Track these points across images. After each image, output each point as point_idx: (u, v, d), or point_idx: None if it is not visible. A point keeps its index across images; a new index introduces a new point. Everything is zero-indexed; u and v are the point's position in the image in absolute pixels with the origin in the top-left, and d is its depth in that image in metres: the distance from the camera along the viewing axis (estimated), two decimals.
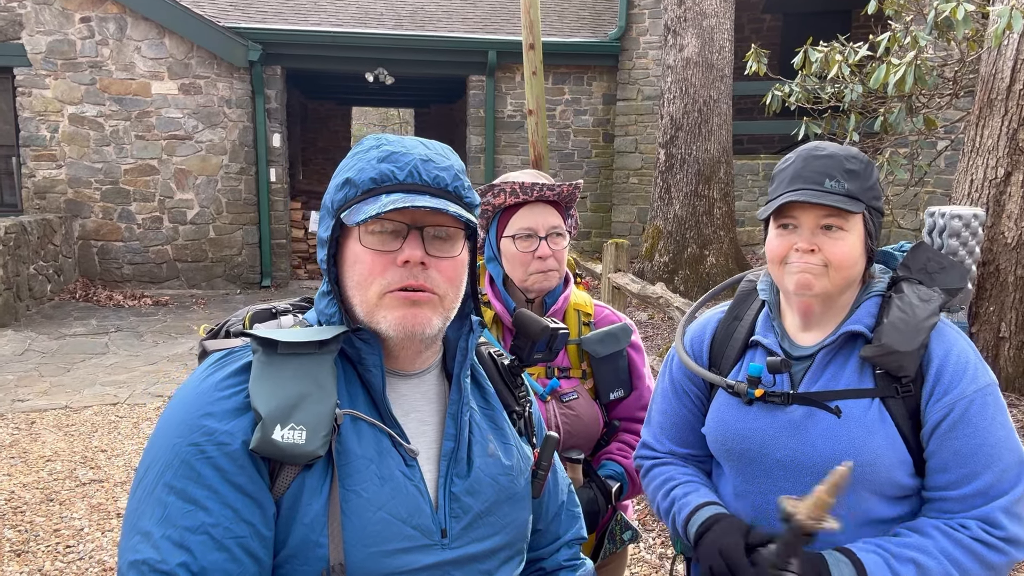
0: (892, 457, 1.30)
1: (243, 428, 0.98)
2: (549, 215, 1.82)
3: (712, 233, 8.76)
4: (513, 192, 1.80)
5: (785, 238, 1.37)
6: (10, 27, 9.68)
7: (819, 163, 1.34)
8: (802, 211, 1.34)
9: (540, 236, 1.80)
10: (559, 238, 1.83)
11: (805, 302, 1.39)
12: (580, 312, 1.90)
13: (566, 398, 1.82)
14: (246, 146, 10.32)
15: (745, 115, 12.04)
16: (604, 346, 1.83)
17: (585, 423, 1.82)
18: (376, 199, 1.04)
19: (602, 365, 1.83)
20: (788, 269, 1.36)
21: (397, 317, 1.05)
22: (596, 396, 1.87)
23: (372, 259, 1.06)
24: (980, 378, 1.31)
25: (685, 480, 1.52)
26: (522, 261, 1.81)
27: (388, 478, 1.04)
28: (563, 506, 1.35)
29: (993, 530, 1.25)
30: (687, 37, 8.66)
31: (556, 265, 1.82)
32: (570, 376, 1.85)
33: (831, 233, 1.33)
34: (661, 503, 1.53)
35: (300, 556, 0.99)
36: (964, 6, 4.00)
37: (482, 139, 11.09)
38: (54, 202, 10.02)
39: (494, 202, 1.84)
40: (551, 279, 1.82)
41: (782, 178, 1.38)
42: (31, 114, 9.86)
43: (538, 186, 1.79)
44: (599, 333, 1.85)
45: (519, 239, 1.81)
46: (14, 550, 3.63)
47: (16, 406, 5.79)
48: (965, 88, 5.40)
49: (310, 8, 11.16)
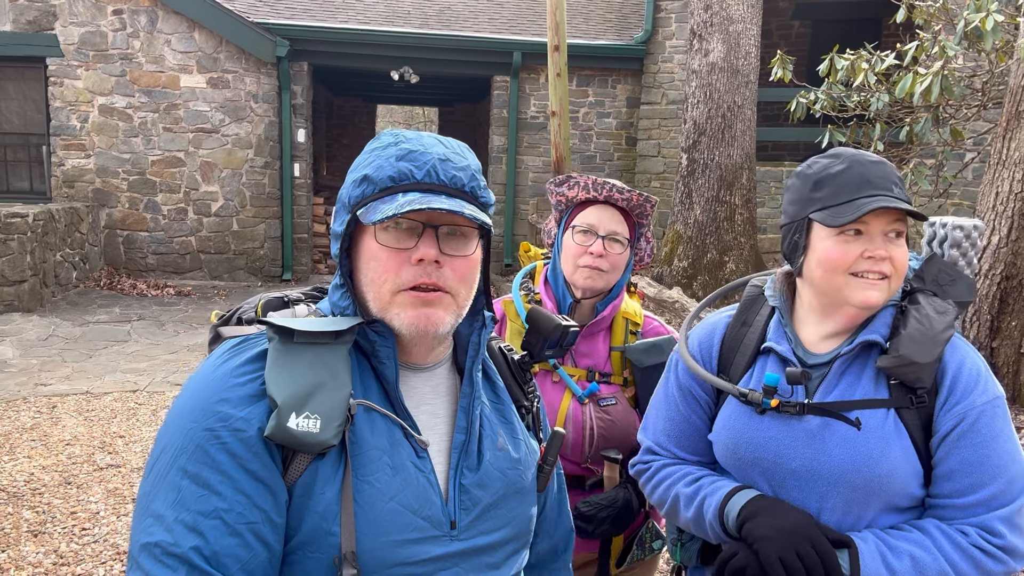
0: (907, 468, 1.30)
1: (258, 415, 0.99)
2: (614, 219, 1.83)
3: (733, 239, 8.71)
4: (585, 187, 1.83)
5: (853, 245, 1.30)
6: (44, 18, 9.84)
7: (879, 168, 1.31)
8: (875, 217, 1.29)
9: (599, 235, 1.81)
10: (618, 244, 1.83)
11: (859, 315, 1.35)
12: (628, 320, 1.90)
13: (604, 403, 1.83)
14: (271, 141, 10.42)
15: (770, 121, 11.96)
16: (648, 356, 1.83)
17: (620, 428, 1.82)
18: (393, 198, 1.05)
19: (644, 375, 1.83)
20: (854, 281, 1.30)
21: (410, 317, 1.06)
22: (636, 405, 1.87)
23: (387, 256, 1.06)
24: (990, 390, 1.31)
25: (709, 473, 1.48)
26: (575, 254, 1.83)
27: (400, 469, 1.05)
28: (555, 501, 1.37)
29: (992, 538, 1.25)
30: (713, 42, 8.62)
31: (607, 267, 1.81)
32: (611, 382, 1.86)
33: (898, 240, 1.30)
34: (683, 490, 1.45)
35: (312, 544, 1.00)
36: (994, 16, 3.96)
37: (504, 139, 11.11)
38: (82, 191, 10.18)
39: (568, 194, 1.86)
40: (597, 280, 1.82)
41: (841, 182, 1.30)
42: (62, 104, 10.02)
43: (609, 185, 1.81)
44: (644, 343, 1.85)
45: (578, 232, 1.83)
46: (31, 530, 3.70)
47: (39, 390, 5.89)
48: (993, 100, 5.33)
49: (338, 5, 11.24)
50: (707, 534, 1.43)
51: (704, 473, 1.49)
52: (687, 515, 1.45)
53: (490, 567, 1.11)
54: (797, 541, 1.25)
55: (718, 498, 1.38)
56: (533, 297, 1.92)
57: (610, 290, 1.87)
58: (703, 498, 1.41)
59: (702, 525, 1.42)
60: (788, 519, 1.29)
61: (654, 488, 1.55)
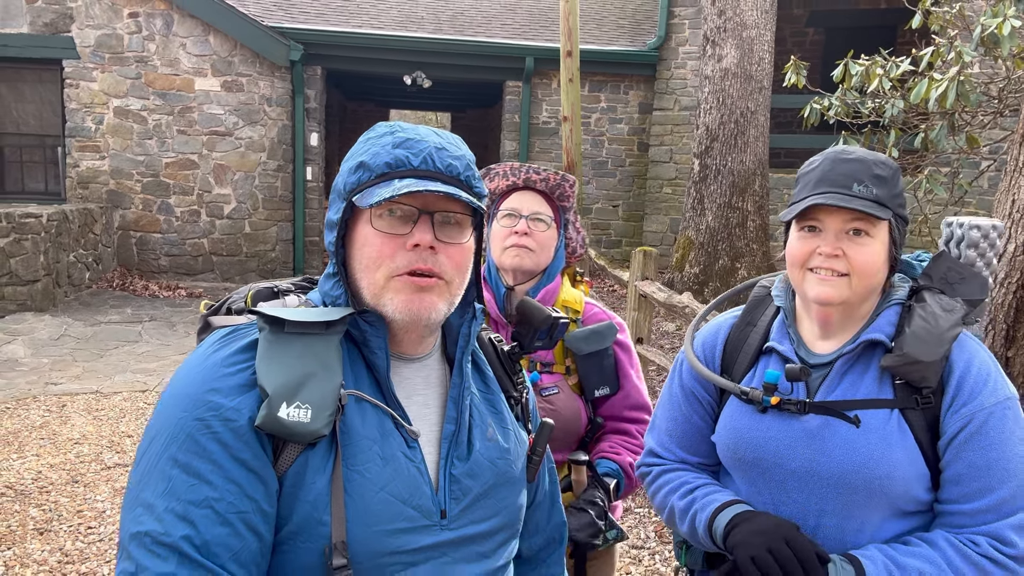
0: (911, 470, 1.26)
1: (249, 404, 0.99)
2: (536, 201, 1.89)
3: (744, 246, 8.66)
4: (504, 175, 1.89)
5: (808, 241, 1.33)
6: (61, 20, 9.94)
7: (847, 167, 1.31)
8: (828, 214, 1.31)
9: (522, 215, 1.86)
10: (541, 223, 1.87)
11: (825, 311, 1.36)
12: (569, 309, 1.92)
13: (546, 392, 1.84)
14: (284, 144, 10.47)
15: (784, 128, 11.91)
16: (587, 343, 1.85)
17: (564, 418, 1.83)
18: (389, 183, 1.05)
19: (586, 362, 1.85)
20: (810, 277, 1.33)
21: (403, 301, 1.06)
22: (581, 392, 1.89)
23: (382, 242, 1.06)
24: (1000, 391, 1.27)
25: (705, 483, 1.48)
26: (502, 237, 1.87)
27: (390, 459, 1.05)
28: (547, 495, 1.36)
29: (1003, 547, 1.21)
30: (726, 48, 8.59)
31: (534, 247, 1.85)
32: (552, 371, 1.88)
33: (857, 239, 1.30)
34: (677, 503, 1.47)
35: (303, 533, 1.00)
36: (1011, 22, 3.91)
37: (516, 144, 11.11)
38: (96, 192, 10.25)
39: (489, 186, 1.91)
40: (525, 258, 1.85)
41: (807, 180, 1.35)
42: (77, 105, 10.11)
43: (526, 167, 1.87)
44: (584, 331, 1.87)
45: (503, 217, 1.88)
46: (38, 528, 3.70)
47: (49, 389, 5.92)
48: (1010, 107, 5.27)
49: (352, 10, 11.30)
50: (704, 547, 1.43)
51: (700, 483, 1.47)
52: (683, 528, 1.46)
53: (480, 556, 1.12)
54: (771, 539, 1.24)
55: (707, 514, 1.38)
56: None
57: (542, 274, 1.90)
58: (695, 513, 1.42)
59: (697, 539, 1.43)
60: (766, 523, 1.28)
61: (654, 493, 1.55)
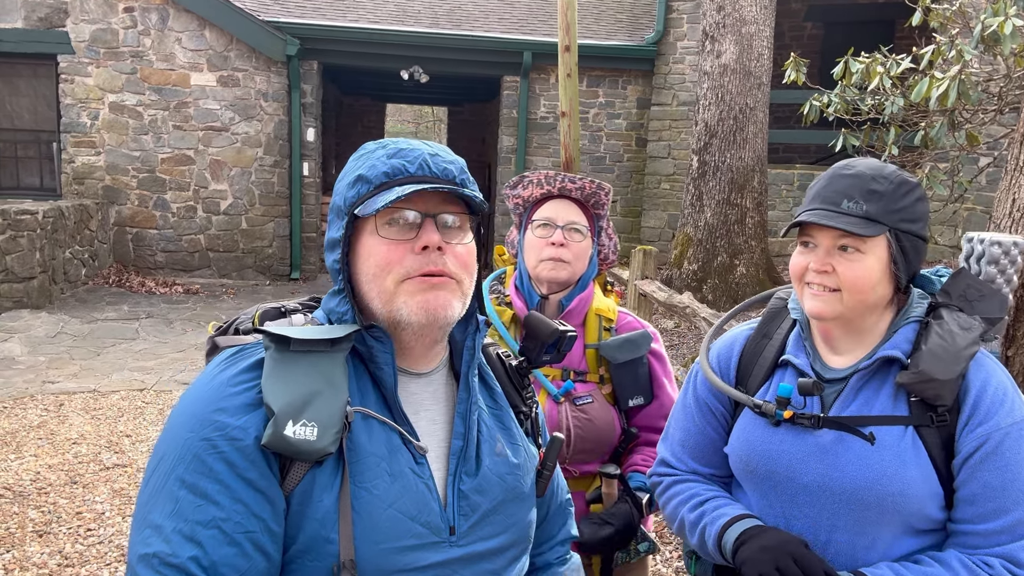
0: (924, 489, 1.26)
1: (255, 424, 0.99)
2: (570, 210, 1.87)
3: (743, 243, 8.65)
4: (539, 183, 1.86)
5: (804, 256, 1.36)
6: (55, 15, 9.87)
7: (842, 183, 1.33)
8: (819, 230, 1.33)
9: (558, 225, 1.84)
10: (577, 234, 1.85)
11: (823, 326, 1.39)
12: (602, 317, 1.90)
13: (579, 401, 1.82)
14: (280, 139, 10.43)
15: (782, 124, 11.89)
16: (622, 352, 1.83)
17: (598, 427, 1.81)
18: (390, 191, 1.06)
19: (620, 371, 1.83)
20: (806, 291, 1.36)
21: (418, 302, 1.06)
22: (615, 402, 1.86)
23: (388, 248, 1.07)
24: (1017, 411, 1.26)
25: (715, 495, 1.48)
26: (537, 247, 1.85)
27: (398, 475, 1.05)
28: (561, 507, 1.36)
29: (1017, 570, 1.21)
30: (725, 43, 8.56)
31: (569, 258, 1.83)
32: (586, 380, 1.85)
33: (847, 255, 1.31)
34: (687, 515, 1.47)
35: (311, 552, 0.99)
36: (1012, 20, 3.90)
37: (514, 139, 11.09)
38: (92, 188, 10.20)
39: (523, 194, 1.89)
40: (560, 270, 1.83)
41: (808, 195, 1.38)
42: (73, 101, 10.05)
43: (561, 176, 1.84)
44: (618, 339, 1.85)
45: (537, 227, 1.86)
46: (36, 530, 3.69)
47: (46, 387, 5.90)
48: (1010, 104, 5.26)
49: (348, 4, 11.24)
50: (714, 560, 1.43)
51: (710, 495, 1.47)
52: (693, 541, 1.46)
53: (490, 573, 1.11)
54: (778, 556, 1.24)
55: (716, 528, 1.38)
56: (503, 299, 1.94)
57: (576, 283, 1.88)
58: (704, 526, 1.42)
59: (706, 551, 1.43)
60: (774, 539, 1.28)
61: (665, 504, 1.55)
